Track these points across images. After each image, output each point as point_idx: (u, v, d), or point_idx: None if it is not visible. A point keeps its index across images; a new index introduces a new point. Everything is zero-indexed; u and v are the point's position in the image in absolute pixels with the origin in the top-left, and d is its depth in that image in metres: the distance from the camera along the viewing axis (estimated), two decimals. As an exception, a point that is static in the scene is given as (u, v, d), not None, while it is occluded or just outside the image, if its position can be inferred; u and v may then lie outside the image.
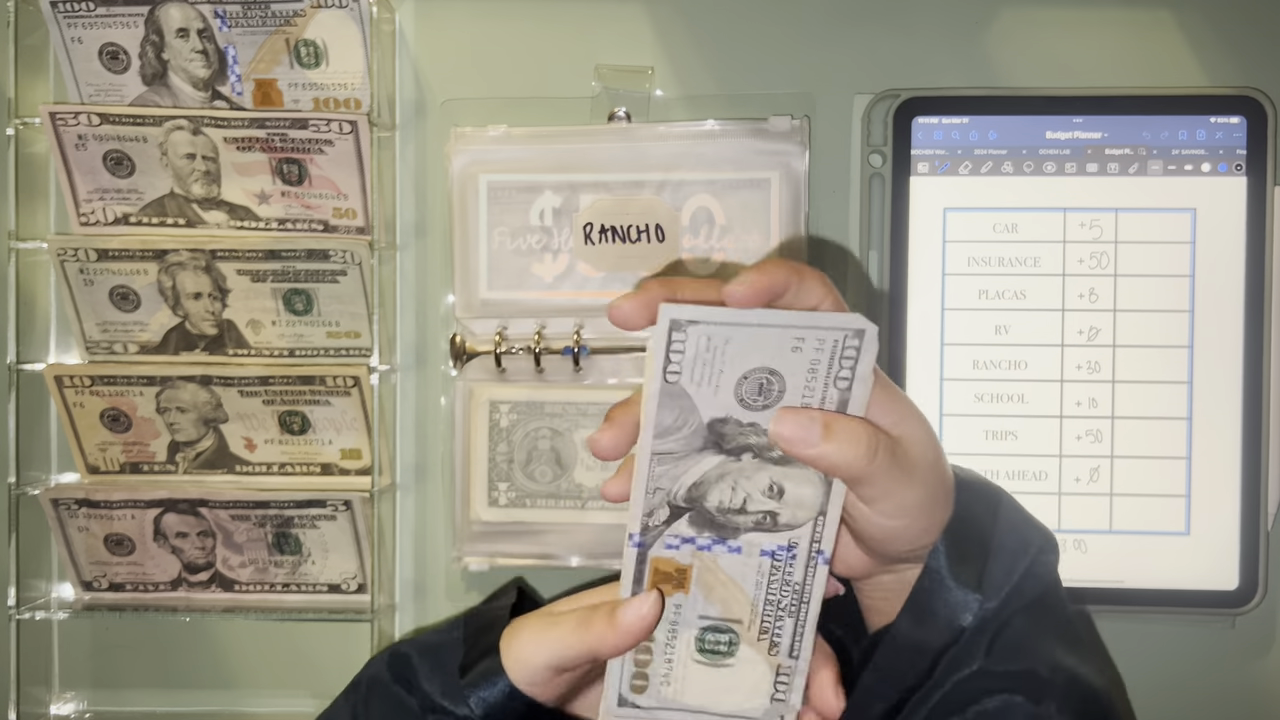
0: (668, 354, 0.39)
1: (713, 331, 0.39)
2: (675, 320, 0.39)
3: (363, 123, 0.61)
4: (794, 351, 0.40)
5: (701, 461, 0.42)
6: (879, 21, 0.66)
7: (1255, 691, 0.66)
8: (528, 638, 0.46)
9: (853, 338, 0.39)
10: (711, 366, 0.40)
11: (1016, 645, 0.42)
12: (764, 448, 0.41)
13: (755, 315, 0.39)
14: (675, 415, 0.40)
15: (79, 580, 0.67)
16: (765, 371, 0.40)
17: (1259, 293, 0.63)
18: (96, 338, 0.65)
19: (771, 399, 0.41)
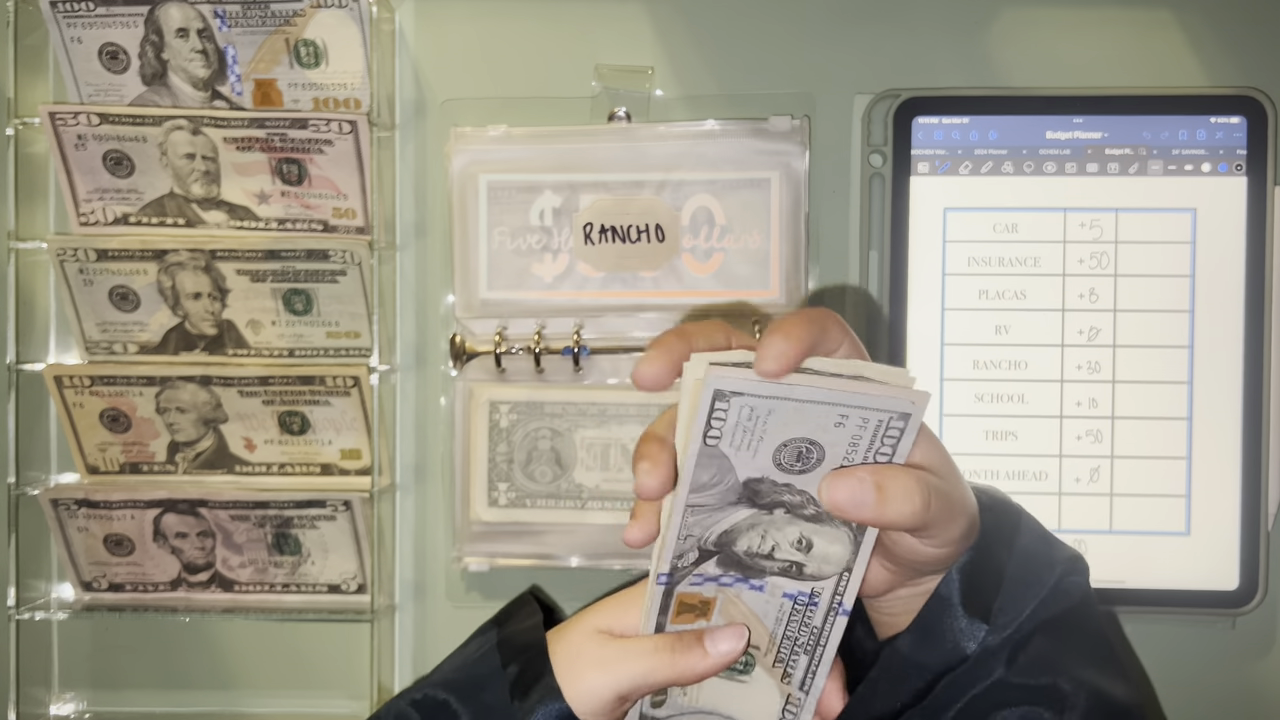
0: (709, 421, 0.38)
1: (756, 404, 0.38)
2: (720, 391, 0.37)
3: (362, 123, 0.61)
4: (837, 427, 0.39)
5: (734, 513, 0.41)
6: (879, 21, 0.66)
7: (1255, 691, 0.66)
8: (592, 667, 0.44)
9: (898, 419, 0.38)
10: (752, 434, 0.39)
11: (1038, 661, 0.42)
12: (796, 505, 0.41)
13: (802, 391, 0.38)
14: (712, 474, 0.40)
15: (79, 580, 0.67)
16: (805, 441, 0.39)
17: (1259, 293, 0.63)
18: (96, 338, 0.65)
19: (810, 465, 0.40)
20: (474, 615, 0.67)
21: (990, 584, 0.42)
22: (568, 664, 0.45)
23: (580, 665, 0.45)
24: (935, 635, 0.42)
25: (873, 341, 0.64)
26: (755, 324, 0.63)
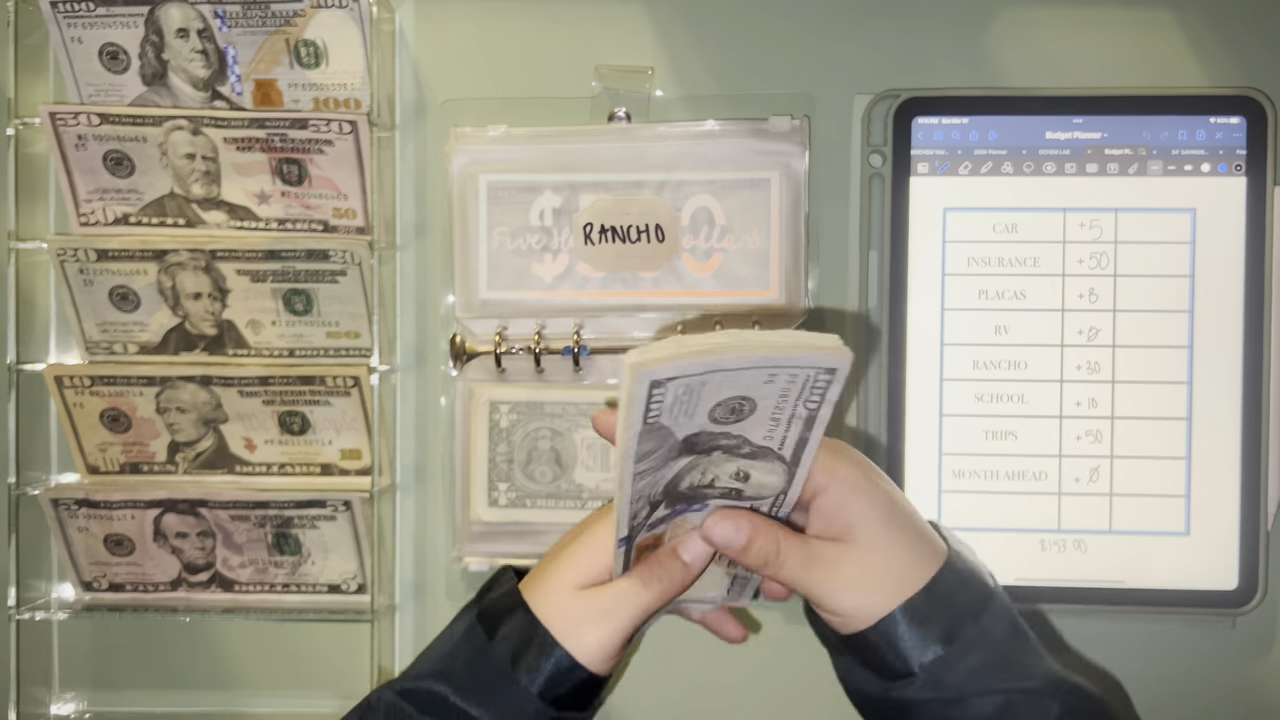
0: (648, 406, 0.40)
1: (691, 381, 0.40)
2: (655, 380, 0.39)
3: (362, 123, 0.61)
4: (766, 384, 0.41)
5: (676, 465, 0.44)
6: (879, 21, 0.66)
7: (1255, 691, 0.66)
8: (592, 623, 0.46)
9: (824, 374, 0.41)
10: (688, 404, 0.41)
11: (1000, 665, 0.44)
12: (732, 447, 0.44)
13: (733, 361, 0.40)
14: (654, 444, 0.42)
15: (79, 580, 0.67)
16: (739, 399, 0.42)
17: (1258, 293, 0.63)
18: (96, 338, 0.65)
19: (743, 416, 0.43)
20: (474, 615, 0.67)
21: (940, 618, 0.44)
22: (563, 625, 0.46)
23: (578, 623, 0.46)
24: (879, 656, 0.45)
25: (872, 340, 0.65)
26: (755, 323, 0.63)
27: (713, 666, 0.67)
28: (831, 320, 0.66)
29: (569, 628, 0.46)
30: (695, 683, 0.68)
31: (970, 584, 0.46)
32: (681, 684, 0.68)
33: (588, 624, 0.46)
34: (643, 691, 0.67)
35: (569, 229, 0.64)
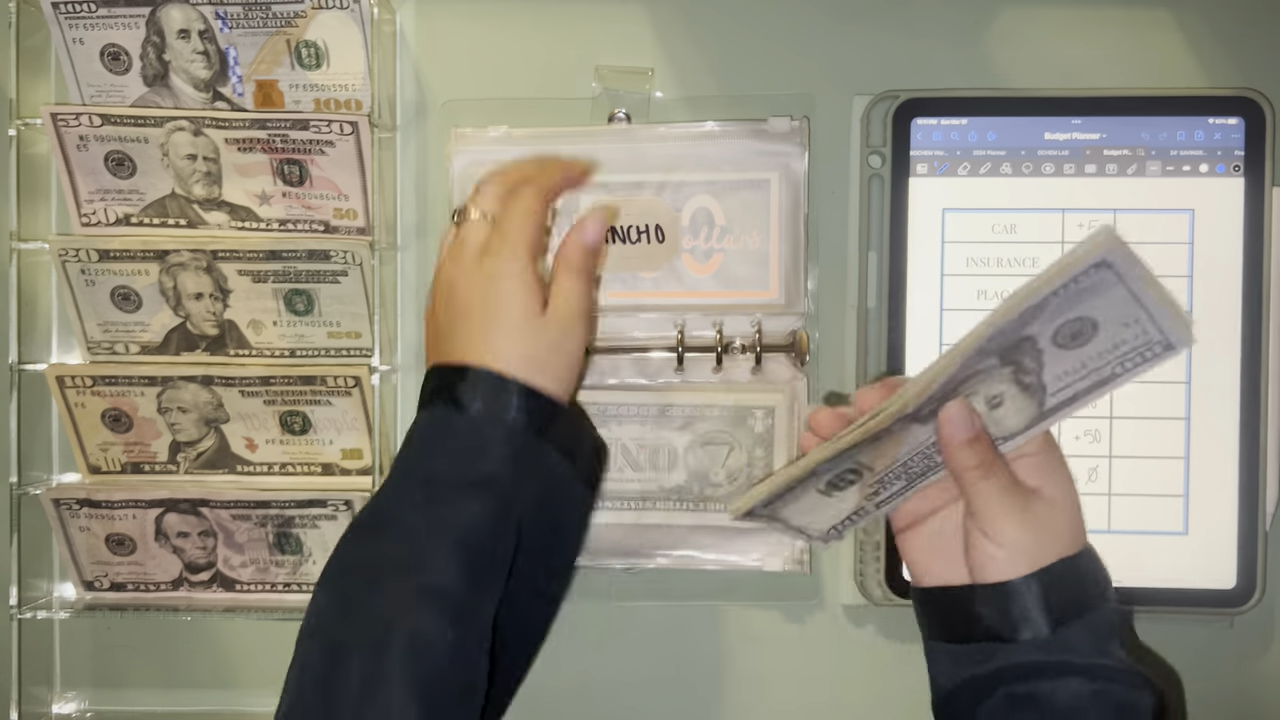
0: (1078, 278, 0.43)
1: (1110, 279, 0.43)
2: (1106, 261, 0.42)
3: (363, 124, 0.61)
4: (1124, 325, 0.45)
5: (986, 360, 0.46)
6: (878, 22, 0.66)
7: (1253, 691, 0.66)
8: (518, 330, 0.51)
9: (1161, 347, 0.45)
10: (1076, 301, 0.44)
11: (1081, 646, 0.47)
12: (1026, 369, 0.47)
13: (1142, 288, 0.43)
14: (1025, 325, 0.45)
15: (80, 580, 0.67)
16: (1092, 323, 0.45)
17: (1257, 293, 0.63)
18: (98, 338, 0.65)
19: (1076, 344, 0.46)
20: (474, 614, 0.67)
21: (1069, 607, 0.47)
22: (500, 349, 0.51)
23: (514, 337, 0.51)
24: (998, 610, 0.48)
25: (872, 342, 0.65)
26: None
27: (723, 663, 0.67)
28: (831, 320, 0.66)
29: (503, 346, 0.51)
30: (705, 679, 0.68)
31: (1101, 574, 0.49)
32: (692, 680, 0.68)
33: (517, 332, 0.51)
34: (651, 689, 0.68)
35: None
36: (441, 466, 0.50)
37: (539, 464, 0.51)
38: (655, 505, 0.65)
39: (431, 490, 0.49)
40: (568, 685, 0.68)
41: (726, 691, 0.67)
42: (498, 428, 0.50)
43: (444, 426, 0.51)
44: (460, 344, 0.52)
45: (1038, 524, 0.48)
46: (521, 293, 0.52)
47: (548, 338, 0.52)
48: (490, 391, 0.50)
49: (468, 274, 0.53)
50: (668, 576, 0.67)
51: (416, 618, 0.46)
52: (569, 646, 0.67)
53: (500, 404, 0.50)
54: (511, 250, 0.52)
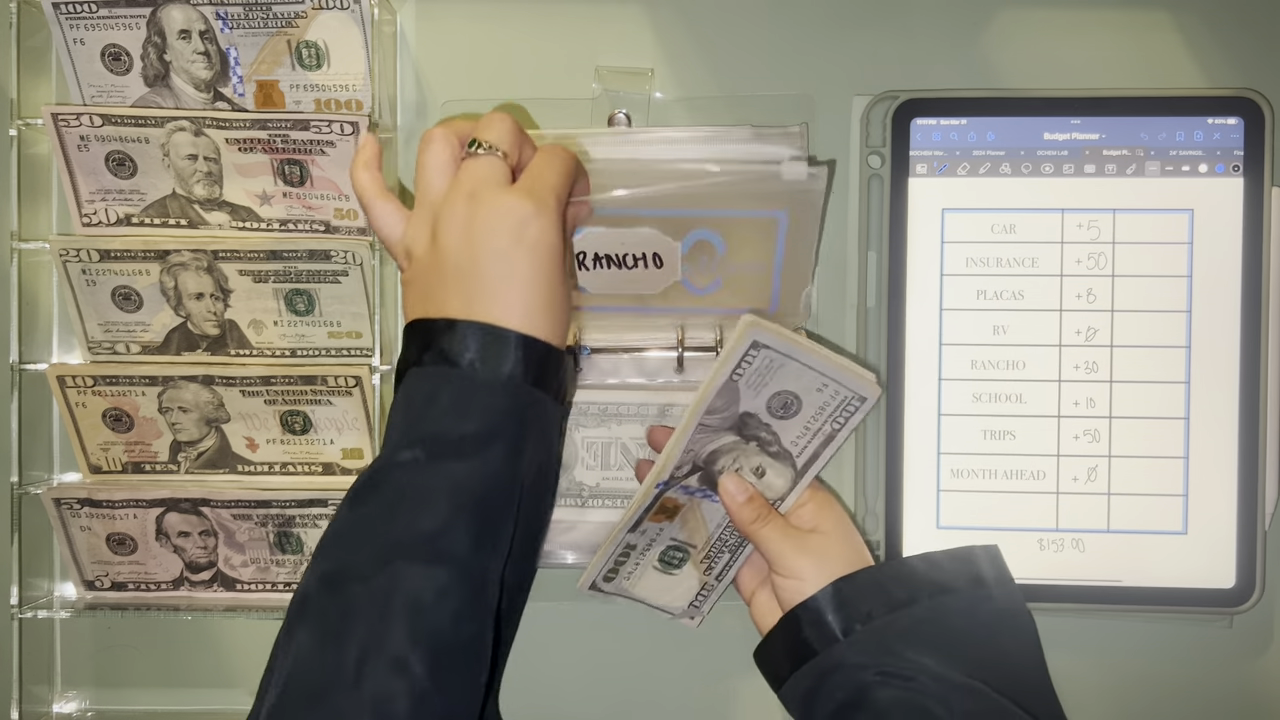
0: (741, 361, 0.53)
1: (775, 357, 0.53)
2: (757, 341, 0.52)
3: (364, 124, 0.61)
4: (818, 391, 0.54)
5: (724, 438, 0.56)
6: (878, 23, 0.66)
7: (1252, 690, 0.66)
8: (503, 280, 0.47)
9: (857, 400, 0.54)
10: (763, 379, 0.54)
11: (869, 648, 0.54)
12: (766, 442, 0.57)
13: (808, 359, 0.53)
14: (724, 402, 0.54)
15: (81, 579, 0.67)
16: (794, 395, 0.55)
17: (1256, 293, 0.63)
18: (99, 338, 0.66)
19: (789, 415, 0.56)
20: (475, 614, 0.67)
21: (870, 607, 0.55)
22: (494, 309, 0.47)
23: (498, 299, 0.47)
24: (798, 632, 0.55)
25: (871, 342, 0.65)
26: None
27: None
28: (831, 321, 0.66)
29: (506, 311, 0.47)
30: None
31: (895, 589, 0.55)
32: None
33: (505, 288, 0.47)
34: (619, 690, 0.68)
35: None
36: (445, 424, 0.47)
37: (539, 414, 0.49)
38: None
39: (433, 448, 0.47)
40: (567, 685, 0.68)
41: (726, 691, 0.67)
42: (497, 382, 0.47)
43: (442, 382, 0.47)
44: (474, 290, 0.47)
45: (817, 554, 0.56)
46: (555, 247, 0.48)
47: (563, 289, 0.49)
48: (490, 344, 0.47)
49: (495, 215, 0.48)
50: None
51: (422, 579, 0.44)
52: (568, 646, 0.67)
53: (500, 357, 0.47)
54: (555, 196, 0.49)
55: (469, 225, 0.48)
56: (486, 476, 0.46)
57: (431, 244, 0.49)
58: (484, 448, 0.46)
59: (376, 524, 0.46)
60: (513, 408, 0.47)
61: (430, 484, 0.46)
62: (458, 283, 0.48)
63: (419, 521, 0.45)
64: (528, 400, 0.48)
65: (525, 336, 0.47)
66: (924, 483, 0.64)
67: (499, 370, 0.47)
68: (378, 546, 0.45)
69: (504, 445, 0.47)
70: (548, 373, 0.48)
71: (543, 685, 0.68)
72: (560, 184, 0.50)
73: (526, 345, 0.47)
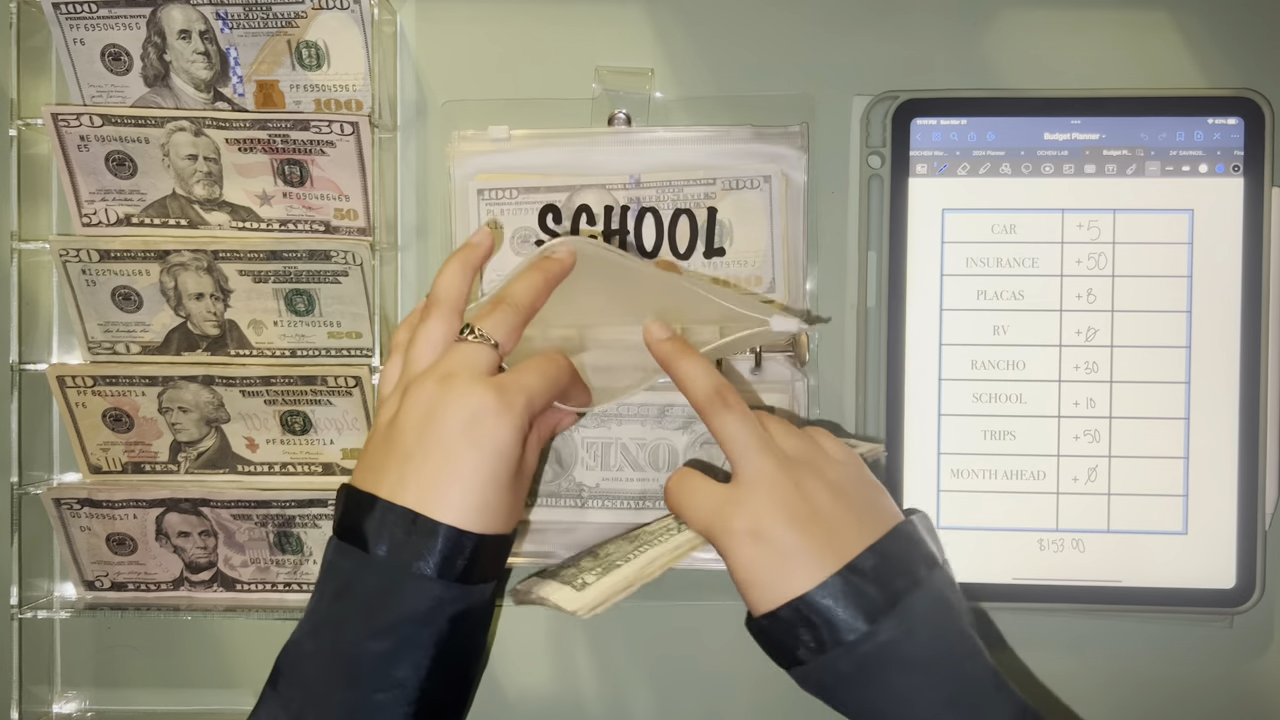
0: None
1: None
2: None
3: (364, 124, 0.61)
4: None
5: None
6: (878, 23, 0.66)
7: (1252, 690, 0.66)
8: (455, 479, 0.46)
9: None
10: None
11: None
12: None
13: None
14: None
15: (81, 580, 0.67)
16: None
17: (1256, 293, 0.63)
18: (99, 338, 0.66)
19: None
20: (475, 614, 0.67)
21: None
22: (430, 500, 0.46)
23: (460, 481, 0.46)
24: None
25: (871, 342, 0.65)
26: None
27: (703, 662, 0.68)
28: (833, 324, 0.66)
29: (449, 498, 0.46)
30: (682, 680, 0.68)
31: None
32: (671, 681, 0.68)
33: (470, 472, 0.46)
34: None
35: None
36: (353, 627, 0.46)
37: (464, 613, 0.47)
38: (655, 505, 0.65)
39: (337, 652, 0.46)
40: (567, 686, 0.68)
41: (726, 691, 0.67)
42: (415, 574, 0.45)
43: (356, 570, 0.47)
44: (409, 470, 0.47)
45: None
46: (506, 449, 0.47)
47: (510, 493, 0.48)
48: (411, 533, 0.46)
49: (457, 401, 0.47)
50: (668, 576, 0.67)
51: None
52: (568, 647, 0.67)
53: (419, 548, 0.46)
54: (526, 398, 0.48)
55: (430, 405, 0.48)
56: (393, 675, 0.46)
57: (393, 416, 0.49)
58: (390, 665, 0.45)
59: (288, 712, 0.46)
60: (426, 613, 0.46)
61: (332, 695, 0.46)
62: (399, 459, 0.47)
63: (328, 708, 0.45)
64: (448, 597, 0.46)
65: (455, 530, 0.46)
66: (924, 483, 0.64)
67: (414, 564, 0.45)
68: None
69: (408, 667, 0.46)
70: (480, 563, 0.47)
71: (543, 685, 0.68)
72: (538, 388, 0.49)
73: (456, 539, 0.46)
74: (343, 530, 0.48)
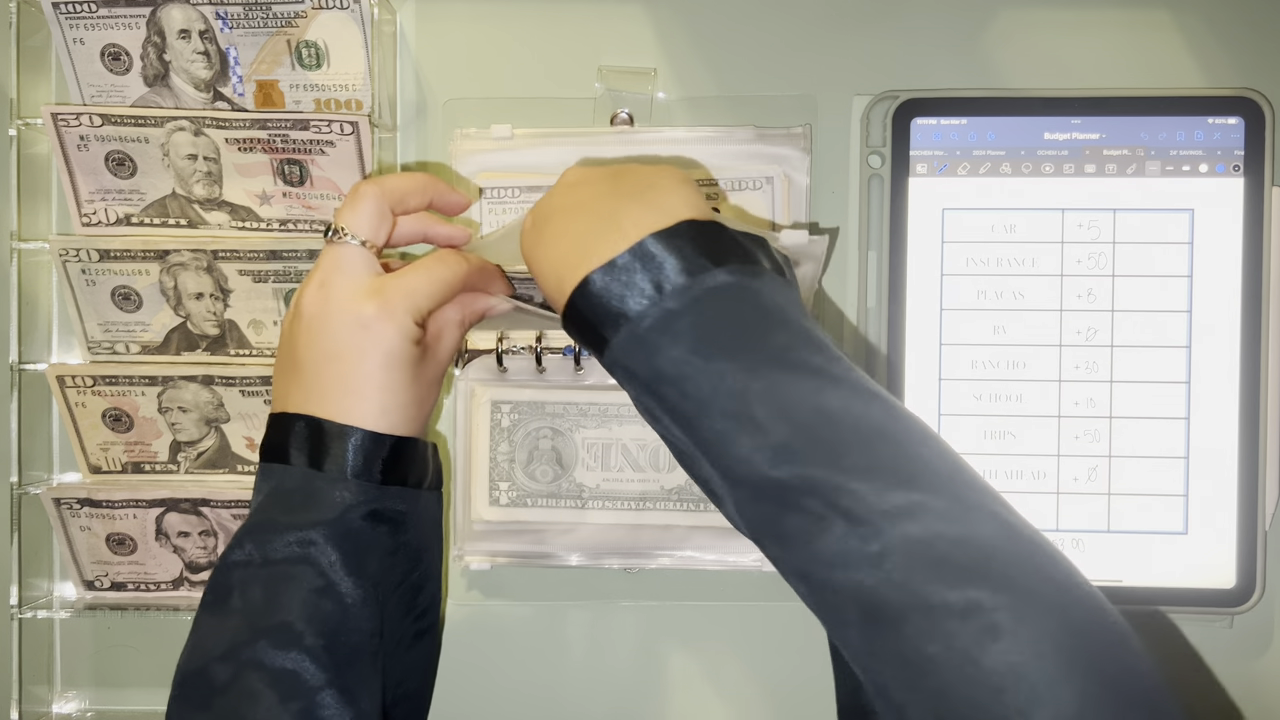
0: None
1: None
2: None
3: (364, 124, 0.61)
4: None
5: None
6: (878, 23, 0.66)
7: (1252, 690, 0.66)
8: (368, 380, 0.46)
9: None
10: None
11: None
12: None
13: None
14: None
15: (81, 579, 0.67)
16: None
17: (1256, 293, 0.63)
18: (98, 338, 0.66)
19: None
20: (475, 614, 0.67)
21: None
22: (340, 406, 0.47)
23: (354, 395, 0.46)
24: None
25: (871, 342, 0.65)
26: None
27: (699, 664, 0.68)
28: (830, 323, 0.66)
29: (347, 405, 0.47)
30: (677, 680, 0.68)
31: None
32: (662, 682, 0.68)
33: (361, 377, 0.47)
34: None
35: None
36: (278, 524, 0.46)
37: (388, 510, 0.48)
38: (655, 505, 0.65)
39: (266, 549, 0.46)
40: (568, 686, 0.68)
41: (727, 692, 0.67)
42: (330, 475, 0.46)
43: (278, 481, 0.47)
44: (311, 386, 0.47)
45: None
46: (397, 352, 0.47)
47: (412, 391, 0.48)
48: (323, 441, 0.46)
49: (337, 312, 0.47)
50: (668, 576, 0.67)
51: (274, 682, 0.43)
52: (569, 647, 0.67)
53: (333, 453, 0.46)
54: (409, 302, 0.48)
55: (312, 318, 0.48)
56: (315, 575, 0.45)
57: (288, 329, 0.49)
58: (311, 545, 0.45)
59: (224, 627, 0.45)
60: (346, 511, 0.46)
61: (268, 587, 0.45)
62: (296, 373, 0.48)
63: (262, 623, 0.44)
64: (365, 497, 0.47)
65: (364, 431, 0.46)
66: (924, 483, 0.64)
67: (330, 468, 0.46)
68: (228, 650, 0.44)
69: (334, 543, 0.46)
70: (398, 464, 0.48)
71: (542, 685, 0.68)
72: (422, 289, 0.48)
73: (366, 440, 0.47)
74: (265, 452, 0.48)
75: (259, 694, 0.43)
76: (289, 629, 0.44)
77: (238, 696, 0.43)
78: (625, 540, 0.65)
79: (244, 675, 0.44)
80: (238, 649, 0.44)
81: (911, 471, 0.38)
